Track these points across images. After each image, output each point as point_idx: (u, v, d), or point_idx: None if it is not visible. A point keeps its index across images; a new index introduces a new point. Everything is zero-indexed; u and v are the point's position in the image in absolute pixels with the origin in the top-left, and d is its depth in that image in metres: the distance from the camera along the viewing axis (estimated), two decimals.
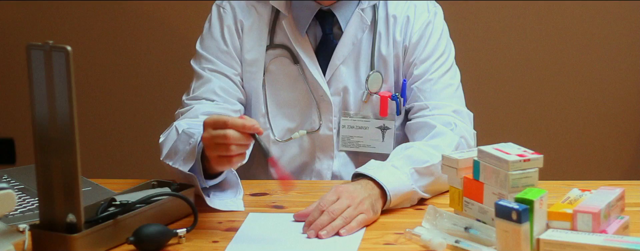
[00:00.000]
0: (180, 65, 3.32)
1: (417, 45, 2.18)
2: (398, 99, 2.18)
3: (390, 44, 2.18)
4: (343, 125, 2.20)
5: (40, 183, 1.68)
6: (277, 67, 2.19)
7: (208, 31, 2.22)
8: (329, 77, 2.17)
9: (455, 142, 2.05)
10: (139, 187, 1.93)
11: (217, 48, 2.19)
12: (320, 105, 2.18)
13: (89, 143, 3.25)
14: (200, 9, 3.25)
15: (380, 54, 2.18)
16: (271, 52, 2.18)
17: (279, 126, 2.20)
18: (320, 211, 1.83)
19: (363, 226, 1.85)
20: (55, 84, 1.61)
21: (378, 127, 2.20)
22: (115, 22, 3.32)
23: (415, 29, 2.18)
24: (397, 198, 1.92)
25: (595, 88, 3.37)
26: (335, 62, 2.17)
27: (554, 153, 3.27)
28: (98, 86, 3.35)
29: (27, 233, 1.72)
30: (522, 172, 1.72)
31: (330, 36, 2.17)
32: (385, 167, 1.97)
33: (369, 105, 2.19)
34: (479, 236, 1.74)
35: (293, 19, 2.15)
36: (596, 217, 1.65)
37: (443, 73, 2.18)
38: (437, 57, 2.19)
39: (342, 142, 2.21)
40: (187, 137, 1.96)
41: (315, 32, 2.17)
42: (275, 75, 2.19)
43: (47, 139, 1.64)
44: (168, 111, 3.37)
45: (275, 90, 2.19)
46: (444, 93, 2.17)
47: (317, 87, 2.17)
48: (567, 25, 3.32)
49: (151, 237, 1.73)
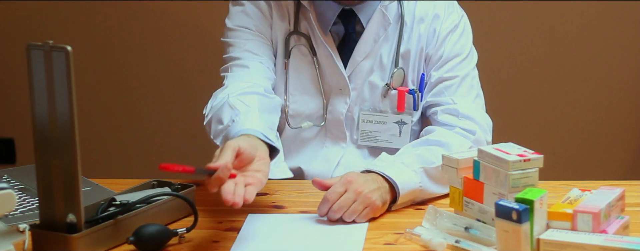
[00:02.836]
0: (180, 65, 3.33)
1: (445, 41, 2.19)
2: (416, 94, 2.20)
3: (415, 41, 2.19)
4: (362, 120, 2.22)
5: (40, 183, 1.68)
6: (297, 53, 2.21)
7: (239, 9, 2.21)
8: (350, 72, 2.19)
9: (467, 147, 2.05)
10: (139, 186, 1.93)
11: (252, 23, 2.19)
12: (337, 97, 2.20)
13: (89, 143, 3.26)
14: (200, 8, 3.26)
15: (405, 51, 2.19)
16: (295, 38, 2.20)
17: (289, 110, 2.22)
18: (328, 202, 1.86)
19: (370, 217, 1.88)
20: (55, 84, 1.61)
21: (395, 121, 2.21)
22: (115, 22, 3.32)
23: (444, 26, 2.19)
24: (405, 193, 1.94)
25: (595, 88, 3.37)
26: (357, 59, 2.19)
27: (554, 153, 3.27)
28: (98, 86, 3.35)
29: (27, 233, 1.72)
30: (522, 172, 1.72)
31: (352, 34, 2.18)
32: (395, 164, 1.98)
33: (387, 100, 2.21)
34: (479, 236, 1.74)
35: (316, 15, 2.17)
36: (596, 217, 1.65)
37: (468, 73, 2.19)
38: (465, 55, 2.21)
39: (361, 137, 2.22)
40: (232, 112, 1.97)
41: (338, 29, 2.19)
42: (295, 61, 2.21)
43: (47, 139, 1.64)
44: (168, 111, 3.38)
45: (292, 75, 2.21)
46: (469, 94, 2.18)
47: (338, 80, 2.19)
48: (566, 26, 3.32)
49: (151, 237, 1.73)
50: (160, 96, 3.35)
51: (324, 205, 1.88)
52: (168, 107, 3.35)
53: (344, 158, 2.23)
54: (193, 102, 3.27)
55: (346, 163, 2.22)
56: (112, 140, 3.40)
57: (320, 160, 2.23)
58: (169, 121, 3.37)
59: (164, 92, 3.34)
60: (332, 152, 2.23)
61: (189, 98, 3.30)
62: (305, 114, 2.22)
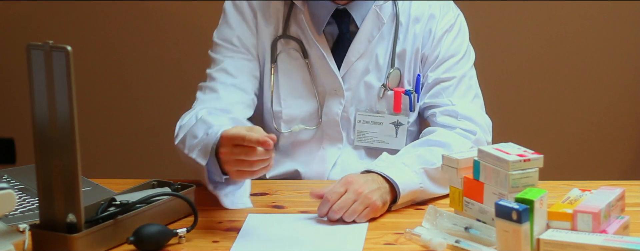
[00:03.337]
0: (180, 65, 3.32)
1: (441, 41, 2.18)
2: (412, 95, 2.19)
3: (410, 41, 2.18)
4: (358, 120, 2.20)
5: (40, 183, 1.67)
6: (286, 57, 2.19)
7: (224, 21, 2.22)
8: (344, 72, 2.18)
9: (468, 147, 2.05)
10: (139, 186, 1.93)
11: (234, 35, 2.18)
12: (331, 99, 2.19)
13: (89, 143, 3.25)
14: (200, 9, 3.25)
15: (401, 51, 2.18)
16: (283, 41, 2.19)
17: (281, 115, 2.20)
18: (327, 202, 1.86)
19: (370, 217, 1.88)
20: (55, 84, 1.61)
21: (392, 122, 2.20)
22: (115, 22, 3.32)
23: (440, 26, 2.18)
24: (406, 194, 1.94)
25: (595, 88, 3.37)
26: (351, 59, 2.17)
27: (554, 153, 3.26)
28: (98, 86, 3.35)
29: (27, 233, 1.72)
30: (522, 172, 1.72)
31: (346, 35, 2.17)
32: (396, 164, 1.98)
33: (384, 101, 2.20)
34: (479, 236, 1.74)
35: (309, 16, 2.16)
36: (596, 217, 1.65)
37: (465, 73, 2.19)
38: (461, 55, 2.20)
39: (357, 137, 2.21)
40: (205, 126, 1.95)
41: (332, 30, 2.18)
42: (284, 65, 2.19)
43: (47, 139, 1.64)
44: (168, 111, 3.37)
45: (282, 79, 2.20)
46: (467, 94, 2.17)
47: (332, 81, 2.18)
48: (566, 26, 3.32)
49: (151, 237, 1.73)
50: (160, 96, 3.35)
51: (324, 206, 1.88)
52: (168, 107, 3.35)
53: (340, 158, 2.22)
54: (193, 102, 3.27)
55: (343, 163, 2.22)
56: (112, 140, 3.40)
57: (317, 161, 2.23)
58: (169, 121, 3.35)
59: (164, 92, 3.34)
60: (328, 154, 2.22)
61: (189, 98, 3.28)
62: (300, 117, 2.21)
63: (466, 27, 2.25)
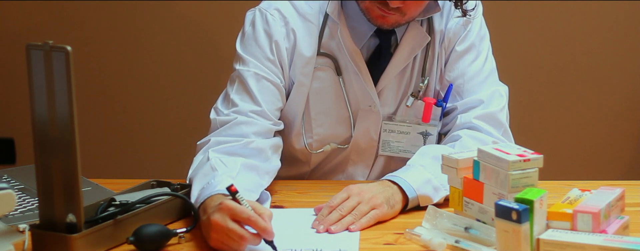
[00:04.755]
0: (180, 65, 3.32)
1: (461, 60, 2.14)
2: (444, 105, 2.13)
3: (442, 51, 2.13)
4: (384, 130, 2.15)
5: (40, 183, 1.68)
6: (319, 75, 2.11)
7: (252, 36, 2.09)
8: (381, 88, 2.12)
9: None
10: (138, 186, 1.93)
11: (263, 56, 2.06)
12: (365, 115, 2.13)
13: (89, 143, 3.25)
14: (200, 9, 3.25)
15: (432, 62, 2.13)
16: (317, 61, 2.10)
17: (313, 134, 2.15)
18: (330, 207, 1.86)
19: (377, 221, 1.87)
20: (55, 84, 1.61)
21: (420, 132, 2.15)
22: (115, 22, 3.32)
23: (462, 45, 2.14)
24: (420, 185, 1.93)
25: (595, 88, 3.37)
26: (390, 75, 2.11)
27: (554, 153, 3.27)
28: (98, 86, 3.35)
29: (27, 233, 1.72)
30: (522, 172, 1.72)
31: (386, 49, 2.10)
32: (411, 167, 1.97)
33: (412, 110, 2.14)
34: (479, 236, 1.74)
35: (348, 30, 2.08)
36: (596, 217, 1.65)
37: (489, 73, 2.16)
38: (485, 76, 2.16)
39: (382, 146, 2.17)
40: (211, 171, 1.90)
41: (370, 43, 2.11)
42: (316, 82, 2.11)
43: (47, 139, 1.64)
44: (168, 111, 3.38)
45: (315, 98, 2.12)
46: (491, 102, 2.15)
47: (366, 99, 2.12)
48: (566, 26, 3.32)
49: (151, 237, 1.73)
50: (160, 96, 3.35)
51: (325, 210, 1.86)
52: (168, 107, 3.35)
53: (371, 172, 2.20)
54: (193, 102, 3.27)
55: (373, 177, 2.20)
56: (112, 140, 3.40)
57: (346, 175, 2.21)
58: (169, 121, 3.36)
59: (164, 92, 3.34)
60: (358, 170, 2.19)
61: (189, 98, 3.30)
62: (333, 136, 2.15)
63: (488, 41, 2.20)
